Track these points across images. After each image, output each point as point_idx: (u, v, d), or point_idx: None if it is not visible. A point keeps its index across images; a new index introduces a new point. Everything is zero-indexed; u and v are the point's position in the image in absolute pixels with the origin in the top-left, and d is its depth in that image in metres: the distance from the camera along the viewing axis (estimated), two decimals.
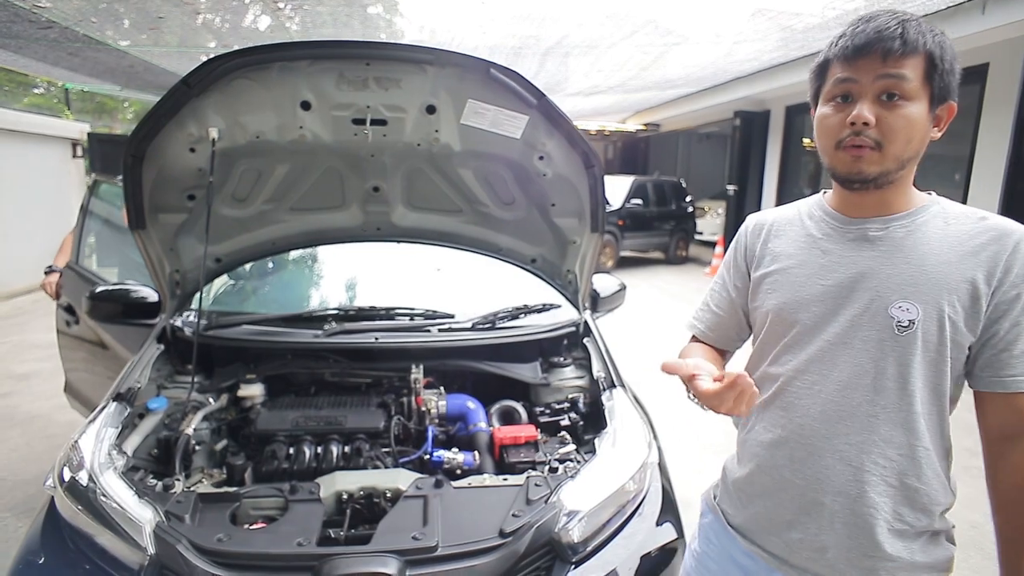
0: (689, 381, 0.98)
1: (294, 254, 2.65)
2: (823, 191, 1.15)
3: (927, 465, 0.98)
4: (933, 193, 1.05)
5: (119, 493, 1.37)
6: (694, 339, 1.31)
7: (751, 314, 1.19)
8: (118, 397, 1.71)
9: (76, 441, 1.52)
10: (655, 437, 1.76)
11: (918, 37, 0.93)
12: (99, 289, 2.31)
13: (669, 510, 1.59)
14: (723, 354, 1.27)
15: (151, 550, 1.25)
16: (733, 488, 1.21)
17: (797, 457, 1.06)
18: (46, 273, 3.43)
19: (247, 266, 2.37)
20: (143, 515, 1.32)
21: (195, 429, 1.74)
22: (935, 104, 0.96)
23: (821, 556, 1.05)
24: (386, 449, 1.71)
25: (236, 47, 1.75)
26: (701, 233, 12.87)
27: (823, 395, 1.03)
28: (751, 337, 1.24)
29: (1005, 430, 0.96)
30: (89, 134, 9.77)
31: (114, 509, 1.33)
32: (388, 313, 2.19)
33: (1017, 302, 0.93)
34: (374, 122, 1.86)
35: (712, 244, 11.51)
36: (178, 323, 2.11)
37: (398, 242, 2.29)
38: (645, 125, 15.99)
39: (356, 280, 2.62)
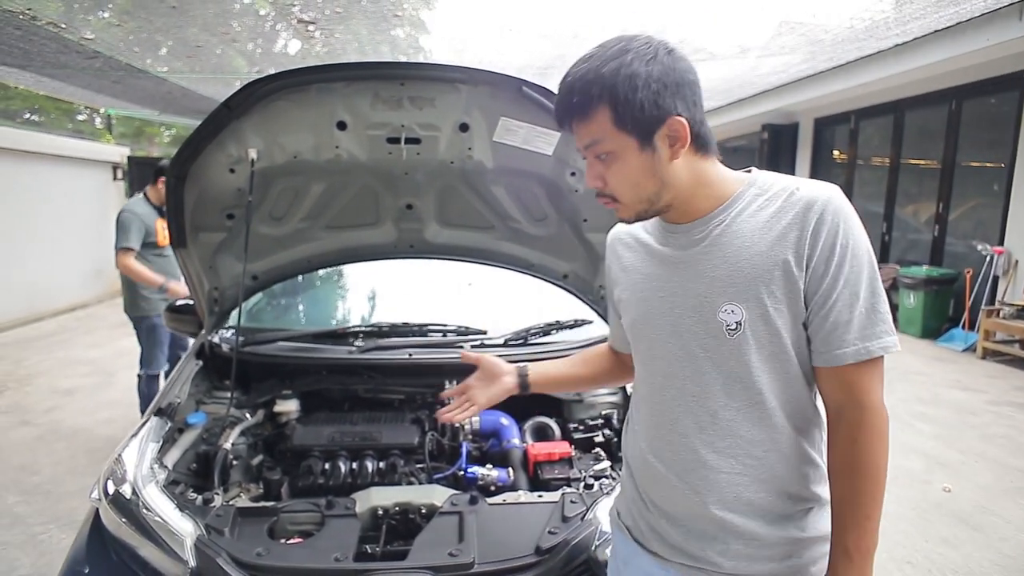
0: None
1: (328, 271, 2.69)
2: None
3: (790, 454, 0.99)
4: (753, 169, 1.03)
5: (161, 506, 1.40)
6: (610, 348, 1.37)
7: None
8: (159, 412, 1.75)
9: (120, 455, 1.56)
10: None
11: (588, 94, 0.92)
12: (179, 302, 2.49)
13: None
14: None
15: (192, 563, 1.27)
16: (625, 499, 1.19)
17: (671, 469, 1.04)
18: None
19: (281, 283, 2.41)
20: (184, 528, 1.34)
21: (233, 444, 1.77)
22: (646, 139, 0.92)
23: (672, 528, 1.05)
24: (420, 465, 1.72)
25: (269, 71, 1.81)
26: None
27: (682, 406, 1.02)
28: None
29: (835, 404, 0.97)
30: (129, 157, 10.16)
31: (156, 522, 1.35)
32: (421, 329, 2.21)
33: (827, 275, 0.91)
34: (408, 140, 1.89)
35: None
36: (216, 339, 2.15)
37: (431, 259, 2.31)
38: None
39: (389, 297, 2.65)
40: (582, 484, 1.59)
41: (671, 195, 0.98)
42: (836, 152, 9.73)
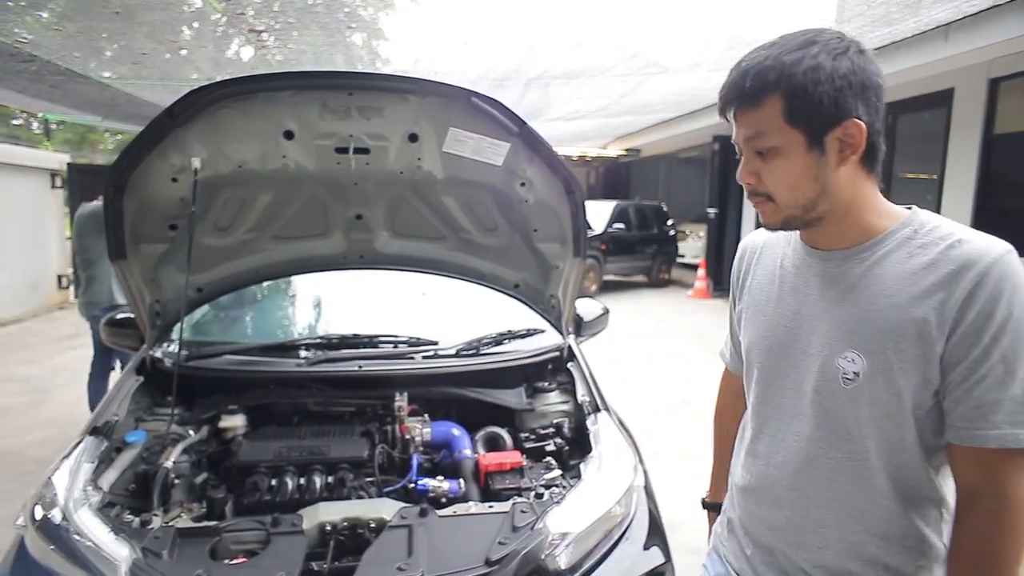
0: None
1: (277, 283, 2.64)
2: None
3: (891, 522, 0.91)
4: (914, 207, 0.93)
5: (94, 530, 1.33)
6: (728, 372, 1.30)
7: None
8: (94, 431, 1.68)
9: (49, 478, 1.49)
10: (640, 460, 1.76)
11: (764, 80, 0.86)
12: (119, 316, 2.37)
13: (656, 534, 1.58)
14: None
15: None
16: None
17: (761, 506, 1.04)
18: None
19: (228, 295, 2.35)
20: (119, 553, 1.28)
21: (175, 462, 1.70)
22: (816, 137, 0.86)
23: None
24: (370, 479, 1.69)
25: (220, 79, 1.78)
26: (683, 256, 12.99)
27: (784, 444, 0.99)
28: None
29: (969, 488, 0.87)
30: (69, 164, 9.74)
31: (88, 547, 1.29)
32: (372, 341, 2.18)
33: (976, 345, 0.81)
34: (357, 151, 1.87)
35: (694, 267, 11.61)
36: (158, 354, 2.08)
37: (381, 269, 2.29)
38: (626, 150, 16.24)
39: (339, 308, 2.62)
40: (533, 494, 1.60)
41: (828, 206, 0.90)
42: None
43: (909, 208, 0.93)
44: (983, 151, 6.25)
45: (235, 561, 1.36)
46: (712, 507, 1.36)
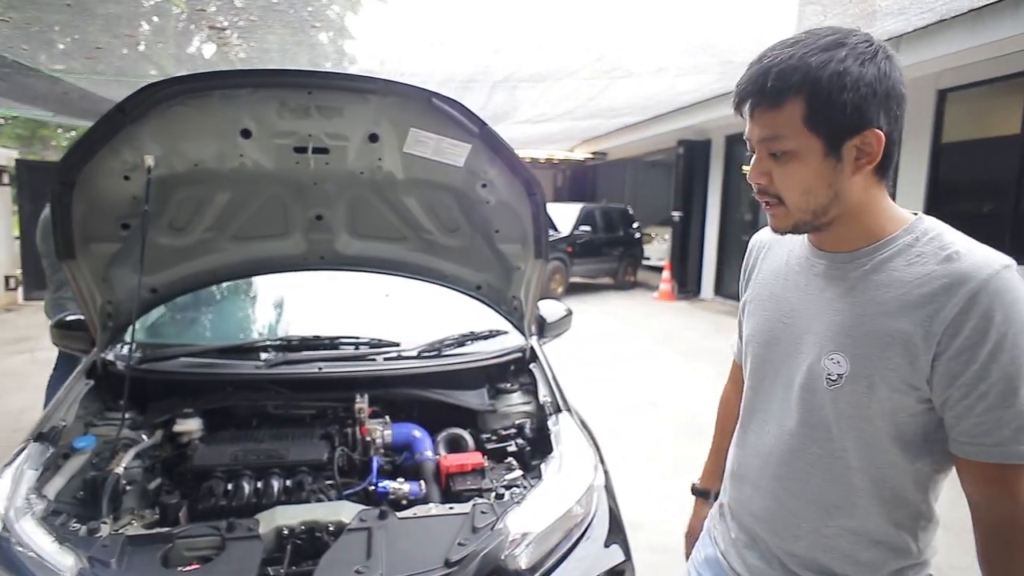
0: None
1: (236, 284, 2.58)
2: None
3: (865, 520, 0.92)
4: (920, 214, 0.93)
5: (36, 540, 1.29)
6: (735, 363, 1.32)
7: None
8: (39, 437, 1.62)
9: None
10: (601, 460, 1.78)
11: (787, 81, 0.83)
12: (69, 317, 2.28)
13: (617, 532, 1.59)
14: None
15: None
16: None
17: (743, 492, 1.08)
18: None
19: (185, 296, 2.30)
20: (63, 563, 1.24)
21: (126, 468, 1.66)
22: (834, 145, 0.85)
23: None
24: (330, 481, 1.67)
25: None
26: (649, 259, 13.17)
27: (770, 435, 1.02)
28: None
29: (982, 498, 0.87)
30: (18, 160, 9.36)
31: (30, 558, 1.25)
32: (332, 343, 2.16)
33: (973, 362, 0.80)
34: (316, 150, 1.85)
35: (659, 269, 11.78)
36: (110, 357, 2.02)
37: (342, 271, 2.27)
38: (593, 153, 16.39)
39: (300, 310, 2.58)
40: (493, 494, 1.60)
41: (838, 211, 0.89)
42: (745, 167, 10.26)
43: (915, 214, 0.93)
44: (932, 159, 6.51)
45: (188, 568, 1.33)
46: (700, 493, 1.39)
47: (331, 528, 1.45)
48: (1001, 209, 6.09)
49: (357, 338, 2.17)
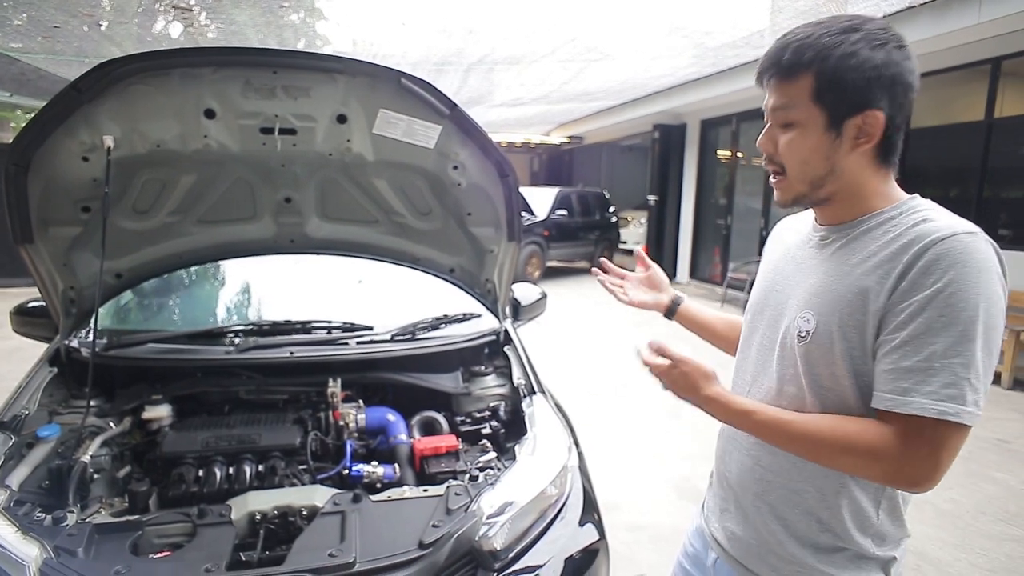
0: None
1: (205, 268, 2.53)
2: None
3: (827, 478, 0.96)
4: (917, 196, 0.96)
5: None
6: None
7: None
8: (1, 426, 1.57)
9: None
10: (575, 441, 1.79)
11: (800, 56, 0.90)
12: (30, 304, 2.21)
13: (591, 511, 1.61)
14: None
15: None
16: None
17: (727, 449, 1.14)
18: None
19: (152, 281, 2.24)
20: (27, 552, 1.21)
21: (93, 456, 1.62)
22: (836, 120, 0.90)
23: (735, 542, 1.11)
24: (303, 466, 1.66)
25: None
26: (625, 242, 13.24)
27: (751, 395, 1.07)
28: None
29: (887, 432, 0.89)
30: None
31: None
32: (304, 327, 2.13)
33: (904, 311, 0.84)
34: (283, 131, 1.81)
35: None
36: (74, 343, 1.97)
37: (313, 254, 2.23)
38: (569, 138, 16.38)
39: (271, 294, 2.54)
40: (468, 476, 1.61)
41: (835, 187, 0.95)
42: (720, 152, 10.40)
43: (913, 197, 0.97)
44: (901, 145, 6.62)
45: (159, 555, 1.31)
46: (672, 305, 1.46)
47: (304, 512, 1.44)
48: (966, 194, 6.24)
49: (329, 322, 2.15)
